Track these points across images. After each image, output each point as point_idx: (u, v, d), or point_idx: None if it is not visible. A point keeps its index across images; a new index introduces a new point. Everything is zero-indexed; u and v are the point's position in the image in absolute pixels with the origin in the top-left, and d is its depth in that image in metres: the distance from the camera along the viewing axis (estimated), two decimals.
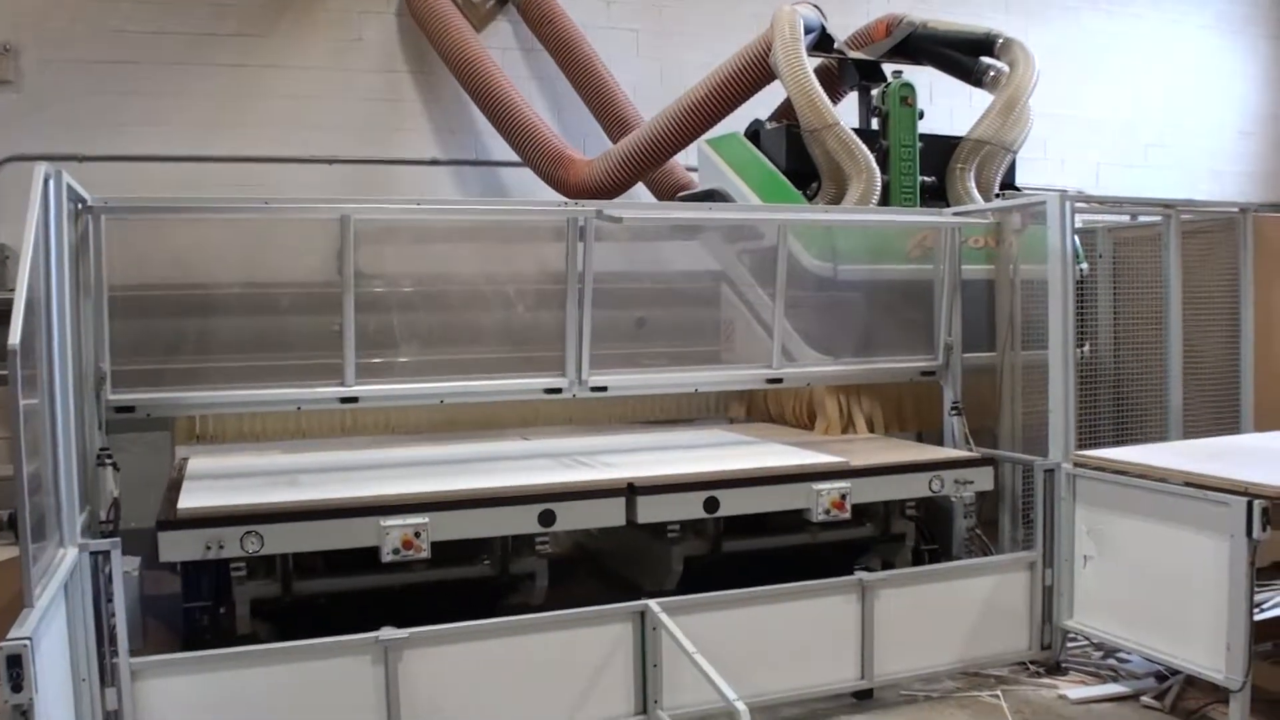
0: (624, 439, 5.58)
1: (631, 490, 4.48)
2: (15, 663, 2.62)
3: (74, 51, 7.06)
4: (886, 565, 5.08)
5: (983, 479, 5.15)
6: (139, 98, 7.21)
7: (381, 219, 4.87)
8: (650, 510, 4.50)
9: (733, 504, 4.62)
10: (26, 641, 2.66)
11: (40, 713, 2.70)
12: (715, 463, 4.89)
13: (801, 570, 4.59)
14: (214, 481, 4.47)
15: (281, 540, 3.96)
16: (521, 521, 4.31)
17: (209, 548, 3.82)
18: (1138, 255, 5.84)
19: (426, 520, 4.10)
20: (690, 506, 4.56)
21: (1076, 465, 4.86)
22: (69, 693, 3.36)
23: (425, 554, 4.10)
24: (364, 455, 5.11)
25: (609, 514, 4.46)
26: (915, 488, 5.00)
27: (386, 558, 4.04)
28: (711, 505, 4.57)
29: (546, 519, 4.31)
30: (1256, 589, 4.33)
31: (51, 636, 3.09)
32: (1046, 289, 5.03)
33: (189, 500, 4.06)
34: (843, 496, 4.74)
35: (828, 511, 4.71)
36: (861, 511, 4.98)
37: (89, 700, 3.48)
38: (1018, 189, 6.60)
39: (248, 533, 3.87)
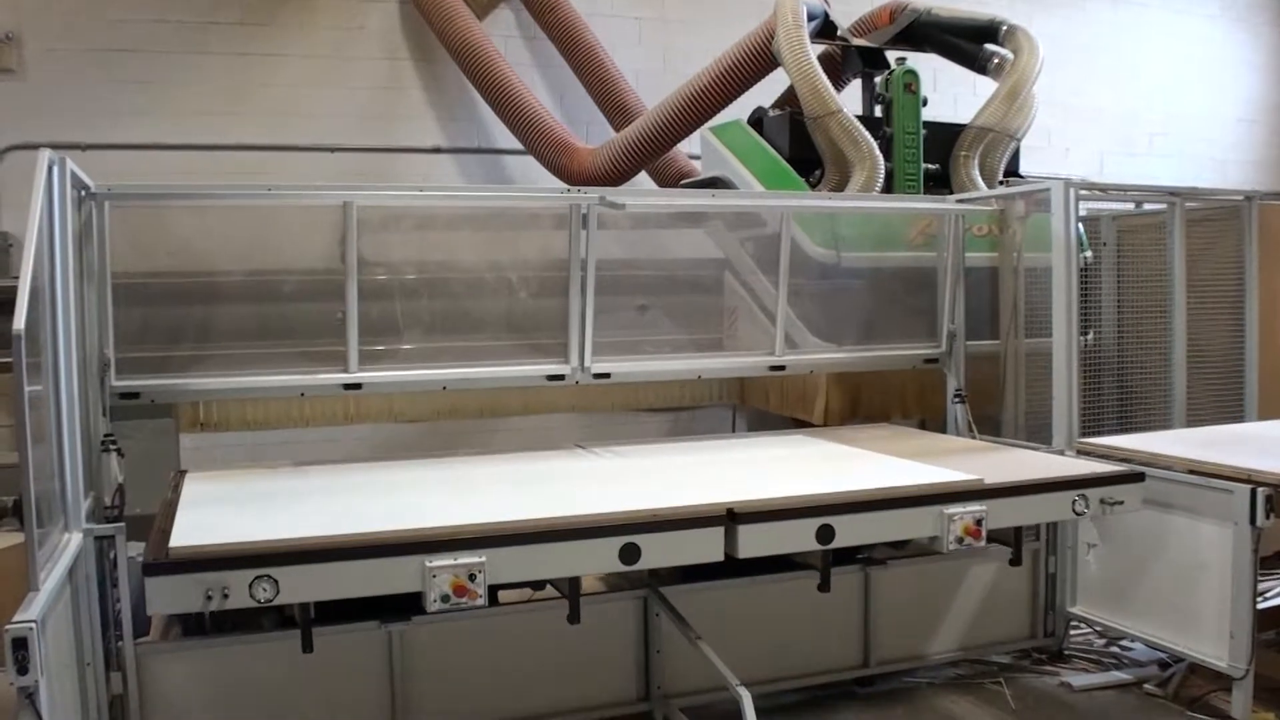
0: (685, 450, 5.01)
1: (731, 518, 3.64)
2: (21, 645, 2.63)
3: (76, 40, 7.05)
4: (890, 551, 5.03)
5: (1133, 498, 4.33)
6: (141, 86, 7.19)
7: (384, 205, 4.86)
8: (754, 542, 3.66)
9: (850, 533, 3.81)
10: (32, 624, 2.67)
11: (45, 696, 2.71)
12: (818, 481, 4.07)
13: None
14: (215, 506, 3.78)
15: (300, 586, 3.21)
16: (599, 559, 3.52)
17: (210, 596, 3.08)
18: (1142, 243, 5.84)
19: (483, 559, 3.30)
20: (801, 536, 3.73)
21: (1080, 453, 4.85)
22: (74, 676, 3.38)
23: (481, 601, 3.32)
24: (391, 472, 4.44)
25: (704, 547, 3.59)
26: (1058, 509, 4.26)
27: (433, 606, 3.25)
28: (826, 535, 3.74)
29: (630, 555, 3.48)
30: (1260, 577, 4.34)
31: (57, 620, 3.10)
32: (1050, 277, 5.02)
33: (184, 534, 3.29)
34: (978, 522, 3.96)
35: (960, 540, 3.92)
36: None
37: (94, 684, 3.50)
38: (1022, 177, 6.58)
39: (259, 577, 3.13)
